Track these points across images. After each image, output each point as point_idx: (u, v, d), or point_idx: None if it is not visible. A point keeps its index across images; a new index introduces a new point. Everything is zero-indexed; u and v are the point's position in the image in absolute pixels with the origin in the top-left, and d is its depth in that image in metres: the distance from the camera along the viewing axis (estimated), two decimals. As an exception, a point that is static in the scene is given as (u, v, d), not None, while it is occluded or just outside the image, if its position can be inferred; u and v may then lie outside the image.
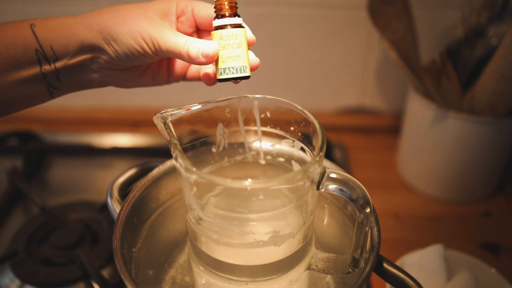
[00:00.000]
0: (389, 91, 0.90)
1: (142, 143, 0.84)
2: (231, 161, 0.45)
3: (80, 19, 0.39)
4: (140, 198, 0.44)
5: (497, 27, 0.66)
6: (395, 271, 0.38)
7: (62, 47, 0.38)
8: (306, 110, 0.39)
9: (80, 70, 0.40)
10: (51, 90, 0.40)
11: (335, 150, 0.82)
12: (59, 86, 0.40)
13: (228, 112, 0.42)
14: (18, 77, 0.38)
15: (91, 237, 0.62)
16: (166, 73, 0.46)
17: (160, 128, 0.38)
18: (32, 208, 0.69)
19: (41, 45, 0.37)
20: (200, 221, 0.38)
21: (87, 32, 0.38)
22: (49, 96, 0.41)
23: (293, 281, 0.40)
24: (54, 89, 0.40)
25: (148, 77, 0.45)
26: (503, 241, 0.66)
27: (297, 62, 0.87)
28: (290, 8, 0.81)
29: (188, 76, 0.47)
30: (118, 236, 0.39)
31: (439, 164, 0.71)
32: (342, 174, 0.36)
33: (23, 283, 0.55)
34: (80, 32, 0.38)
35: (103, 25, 0.38)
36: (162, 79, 0.46)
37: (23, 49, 0.37)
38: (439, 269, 0.54)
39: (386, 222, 0.69)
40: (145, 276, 0.41)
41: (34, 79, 0.38)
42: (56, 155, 0.81)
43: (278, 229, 0.36)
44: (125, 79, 0.43)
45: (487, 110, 0.65)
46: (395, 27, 0.69)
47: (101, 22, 0.38)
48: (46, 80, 0.39)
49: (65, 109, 0.92)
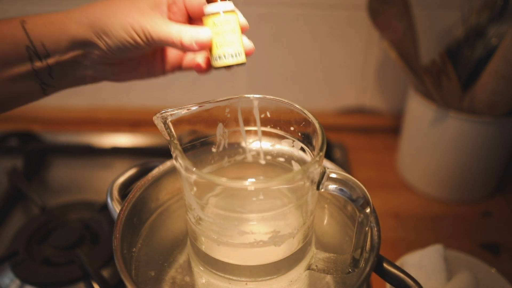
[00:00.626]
0: (389, 91, 0.90)
1: (142, 143, 0.84)
2: (231, 161, 0.45)
3: (70, 14, 0.38)
4: (140, 198, 0.44)
5: (497, 27, 0.66)
6: (395, 271, 0.38)
7: (53, 43, 0.38)
8: (306, 110, 0.39)
9: (73, 66, 0.40)
10: (44, 87, 0.40)
11: (335, 150, 0.82)
12: (52, 83, 0.40)
13: (228, 112, 0.42)
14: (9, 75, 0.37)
15: (91, 237, 0.62)
16: (161, 64, 0.46)
17: (160, 128, 0.38)
18: (32, 208, 0.69)
19: (32, 42, 0.37)
20: (200, 221, 0.38)
21: (78, 27, 0.38)
22: (42, 93, 0.40)
23: (293, 281, 0.40)
24: (47, 86, 0.40)
25: (143, 69, 0.45)
26: (503, 241, 0.66)
27: (297, 62, 0.87)
28: (290, 8, 0.82)
29: (184, 66, 0.47)
30: (118, 236, 0.39)
31: (439, 164, 0.71)
32: (342, 174, 0.36)
33: (23, 283, 0.55)
34: (71, 28, 0.38)
35: (93, 19, 0.38)
36: (158, 71, 0.46)
37: (13, 46, 0.37)
38: (439, 269, 0.54)
39: (386, 222, 0.69)
40: (145, 276, 0.41)
41: (26, 76, 0.38)
42: (56, 155, 0.81)
43: (278, 229, 0.36)
44: (119, 73, 0.43)
45: (487, 110, 0.65)
46: (395, 27, 0.69)
47: (91, 17, 0.38)
48: (38, 77, 0.39)
49: (65, 109, 0.92)
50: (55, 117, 0.91)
